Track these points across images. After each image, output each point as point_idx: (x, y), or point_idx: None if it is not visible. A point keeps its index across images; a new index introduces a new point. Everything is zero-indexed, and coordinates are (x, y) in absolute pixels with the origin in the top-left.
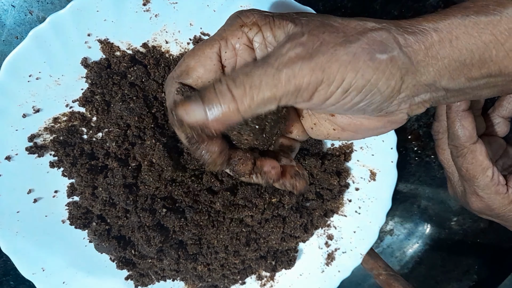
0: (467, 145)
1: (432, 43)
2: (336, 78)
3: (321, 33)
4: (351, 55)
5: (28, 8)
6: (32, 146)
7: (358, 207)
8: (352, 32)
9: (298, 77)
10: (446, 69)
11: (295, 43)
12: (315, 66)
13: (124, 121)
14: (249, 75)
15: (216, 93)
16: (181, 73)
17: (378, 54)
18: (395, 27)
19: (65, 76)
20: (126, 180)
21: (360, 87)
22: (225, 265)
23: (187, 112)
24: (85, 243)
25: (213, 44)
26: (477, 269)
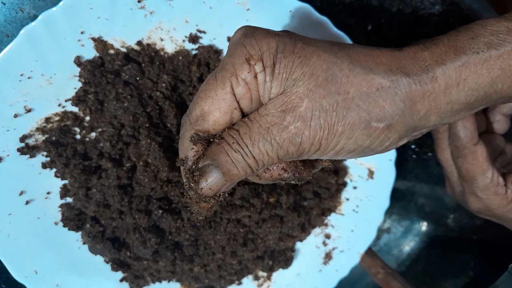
0: (468, 146)
1: (439, 92)
2: (331, 145)
3: (321, 98)
4: (347, 126)
5: (19, 5)
6: (23, 147)
7: (356, 205)
8: (354, 93)
9: (300, 148)
10: (449, 111)
11: (295, 116)
12: (313, 140)
13: (118, 121)
14: (255, 146)
15: (234, 163)
16: (197, 118)
17: (374, 122)
18: (406, 79)
19: (57, 75)
20: (120, 181)
21: (352, 149)
22: (222, 265)
23: (212, 188)
24: (78, 245)
25: (224, 83)
26: (474, 265)
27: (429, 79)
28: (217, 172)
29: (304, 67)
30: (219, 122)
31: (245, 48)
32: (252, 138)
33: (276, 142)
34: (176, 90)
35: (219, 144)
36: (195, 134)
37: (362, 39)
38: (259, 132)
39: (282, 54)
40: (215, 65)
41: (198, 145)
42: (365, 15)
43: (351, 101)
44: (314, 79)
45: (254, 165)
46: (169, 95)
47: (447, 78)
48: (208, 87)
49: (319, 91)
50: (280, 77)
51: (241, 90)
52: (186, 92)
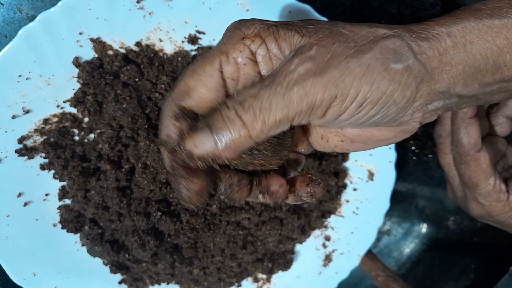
0: (471, 153)
1: (446, 48)
2: (350, 92)
3: (330, 44)
4: (364, 66)
5: (17, 6)
6: (22, 148)
7: (356, 207)
8: (363, 40)
9: (311, 94)
10: (460, 75)
11: (304, 58)
12: (327, 82)
13: (117, 122)
14: (257, 97)
15: (224, 120)
16: (181, 93)
17: (392, 63)
18: (408, 33)
19: (56, 76)
20: (119, 183)
21: (375, 100)
22: (221, 268)
23: (196, 145)
24: (77, 247)
25: (214, 60)
26: (474, 268)
27: (433, 36)
28: (206, 130)
29: (308, 27)
30: (204, 99)
31: (240, 30)
32: (254, 90)
33: (282, 87)
34: None
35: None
36: (179, 110)
37: None
38: (263, 85)
39: (283, 25)
40: None
41: (181, 121)
42: (365, 16)
43: (363, 46)
44: (321, 33)
45: (251, 122)
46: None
47: (452, 37)
48: (196, 64)
49: (328, 39)
50: (287, 39)
51: (230, 69)
52: None
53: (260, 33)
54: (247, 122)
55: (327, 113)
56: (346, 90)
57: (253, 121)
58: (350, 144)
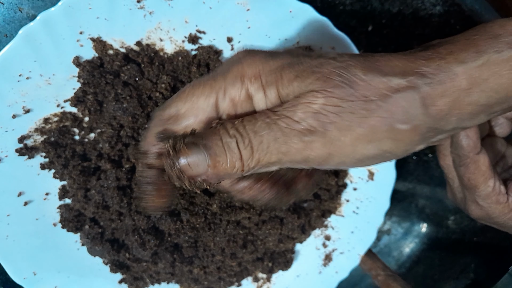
0: (471, 155)
1: (460, 92)
2: (349, 151)
3: (337, 98)
4: (367, 127)
5: (17, 5)
6: (22, 148)
7: (356, 207)
8: (373, 94)
9: (309, 150)
10: (469, 114)
11: (309, 112)
12: (326, 142)
13: (118, 122)
14: (257, 136)
15: (223, 147)
16: (170, 117)
17: (399, 124)
18: (423, 80)
19: (56, 76)
20: (119, 182)
21: (374, 155)
22: (221, 267)
23: (191, 166)
24: (77, 246)
25: (210, 95)
26: (474, 267)
27: (448, 78)
28: (203, 152)
29: (316, 74)
30: (192, 127)
31: (242, 66)
32: (256, 126)
33: (283, 134)
34: (176, 91)
35: (215, 127)
36: (163, 132)
37: (362, 40)
38: (265, 122)
39: (290, 68)
40: (215, 65)
41: (163, 143)
42: (366, 15)
43: (371, 103)
44: (329, 82)
45: (248, 159)
46: (168, 96)
47: (468, 77)
48: (192, 90)
49: (335, 92)
50: (291, 86)
51: (226, 106)
52: None
53: (261, 76)
54: (244, 157)
55: (321, 165)
56: (345, 149)
57: (249, 158)
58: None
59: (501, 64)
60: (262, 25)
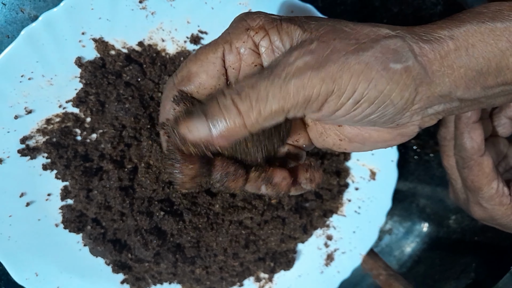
0: (475, 157)
1: (448, 51)
2: (348, 88)
3: (331, 40)
4: (363, 64)
5: (19, 6)
6: (24, 148)
7: (358, 207)
8: (364, 38)
9: (307, 88)
10: (462, 79)
11: (304, 51)
12: (325, 76)
13: (120, 122)
14: (255, 87)
15: (220, 107)
16: (182, 78)
17: (392, 63)
18: (410, 35)
19: (58, 76)
20: (122, 183)
21: (372, 98)
22: (223, 267)
23: (190, 130)
24: (79, 247)
25: (217, 48)
26: (475, 267)
27: (435, 39)
28: (201, 115)
29: (311, 22)
30: (204, 86)
31: (245, 21)
32: (252, 80)
33: (280, 79)
34: None
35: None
36: (179, 94)
37: None
38: (261, 75)
39: (287, 19)
40: None
41: (181, 105)
42: (367, 15)
43: (363, 44)
44: (323, 29)
45: (247, 111)
46: None
47: (454, 40)
48: (199, 51)
49: (329, 35)
50: (289, 32)
51: (232, 58)
52: None
53: (265, 25)
54: (243, 111)
55: (323, 108)
56: (344, 86)
57: (249, 110)
58: (348, 143)
59: (484, 32)
60: None
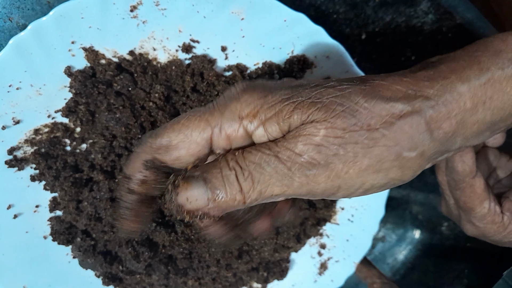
0: (466, 180)
1: (465, 112)
2: (356, 182)
3: (339, 129)
4: (374, 158)
5: (7, 15)
6: (11, 159)
7: (351, 215)
8: (376, 123)
9: (312, 183)
10: (475, 132)
11: (310, 145)
12: (331, 174)
13: (110, 132)
14: (257, 169)
15: (223, 180)
16: (160, 146)
17: (406, 152)
18: (428, 102)
19: (47, 86)
20: (112, 194)
21: (382, 184)
22: (216, 279)
23: (189, 200)
24: (68, 259)
25: (205, 129)
26: (468, 273)
27: (453, 98)
28: (202, 184)
29: (316, 104)
30: (181, 160)
31: (240, 104)
32: (257, 158)
33: (285, 168)
34: (169, 100)
35: (217, 160)
36: (152, 160)
37: (356, 48)
38: (266, 154)
39: (289, 101)
40: (209, 75)
41: (150, 171)
42: (359, 24)
43: (375, 132)
44: (331, 112)
45: (248, 191)
46: (162, 105)
47: (472, 96)
48: (186, 122)
49: (337, 122)
50: (291, 119)
51: (221, 142)
52: (179, 103)
53: (260, 113)
54: (244, 189)
55: (328, 197)
56: (351, 181)
57: (250, 190)
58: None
59: (504, 81)
60: (257, 34)
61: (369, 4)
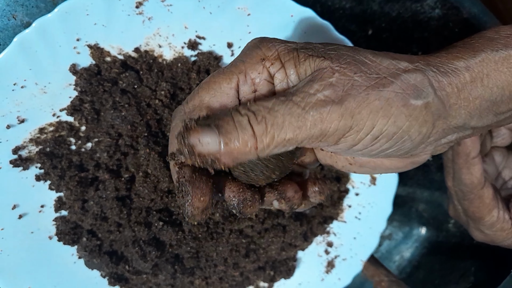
0: (475, 191)
1: (465, 84)
2: (366, 124)
3: (352, 73)
4: (383, 100)
5: (11, 13)
6: (16, 159)
7: (358, 212)
8: (385, 73)
9: (326, 121)
10: (477, 109)
11: (325, 84)
12: (344, 112)
13: (116, 130)
14: (272, 112)
15: (235, 126)
16: (194, 108)
17: (412, 99)
18: (428, 67)
19: (52, 84)
20: (118, 193)
21: (391, 134)
22: (223, 278)
23: (201, 141)
24: (74, 260)
25: (231, 78)
26: (474, 271)
27: (452, 71)
28: (214, 130)
29: (330, 52)
30: None
31: (260, 50)
32: (270, 103)
33: (299, 108)
34: (175, 98)
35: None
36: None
37: (362, 43)
38: (279, 99)
39: (304, 50)
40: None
41: None
42: (366, 19)
43: (383, 79)
44: (343, 59)
45: (261, 135)
46: (168, 103)
47: (470, 71)
48: (212, 79)
49: (350, 67)
50: (306, 64)
51: (247, 89)
52: None
53: (280, 56)
54: (257, 133)
55: (339, 142)
56: (362, 121)
57: (263, 134)
58: (358, 167)
59: (499, 61)
60: (263, 29)
61: (375, 0)
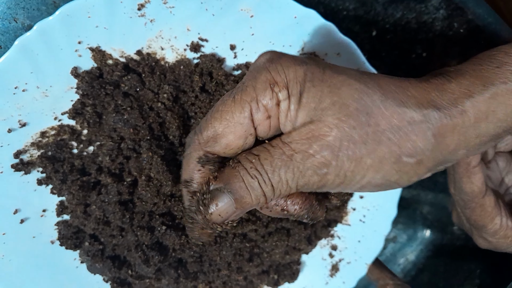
0: (476, 200)
1: (469, 126)
2: (357, 179)
3: (350, 128)
4: (376, 159)
5: (12, 16)
6: (18, 163)
7: (363, 215)
8: (385, 124)
9: (323, 181)
10: (477, 144)
11: (323, 146)
12: (339, 172)
13: (118, 134)
14: (275, 174)
15: (247, 188)
16: (208, 139)
17: (405, 157)
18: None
19: (53, 87)
20: (121, 197)
21: (379, 184)
22: (227, 282)
23: (221, 214)
24: (76, 264)
25: (243, 107)
26: (479, 274)
27: (458, 113)
28: (229, 197)
29: (333, 96)
30: (231, 146)
31: (269, 73)
32: (273, 164)
33: (299, 170)
34: (178, 101)
35: (234, 168)
36: (204, 155)
37: (366, 45)
38: (281, 159)
39: (311, 83)
40: (218, 74)
41: (206, 167)
42: (369, 20)
43: (381, 134)
44: (345, 109)
45: (270, 194)
46: (170, 106)
47: (476, 111)
48: (225, 108)
49: (349, 121)
50: (308, 107)
51: (260, 116)
52: (188, 103)
53: (289, 86)
54: (267, 193)
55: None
56: (353, 177)
57: (271, 192)
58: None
59: (507, 94)
60: (266, 31)
61: (379, 1)
